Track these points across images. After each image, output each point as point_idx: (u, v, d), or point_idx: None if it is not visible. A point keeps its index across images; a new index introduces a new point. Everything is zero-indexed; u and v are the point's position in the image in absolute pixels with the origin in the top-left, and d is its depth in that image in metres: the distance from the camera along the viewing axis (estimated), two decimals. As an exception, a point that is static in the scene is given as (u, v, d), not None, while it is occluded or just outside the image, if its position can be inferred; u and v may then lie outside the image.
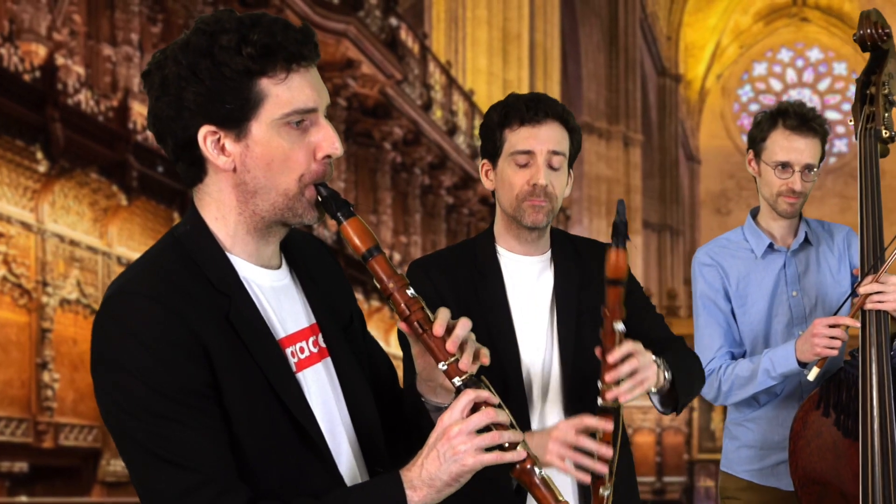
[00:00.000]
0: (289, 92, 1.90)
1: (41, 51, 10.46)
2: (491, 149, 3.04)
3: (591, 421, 2.66)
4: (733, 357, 3.79)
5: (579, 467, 2.68)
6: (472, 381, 1.95)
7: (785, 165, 3.65)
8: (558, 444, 2.61)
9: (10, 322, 10.44)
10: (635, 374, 2.64)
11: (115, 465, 11.29)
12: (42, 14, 10.57)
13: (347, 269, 14.82)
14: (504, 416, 1.92)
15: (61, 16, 10.66)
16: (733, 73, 44.94)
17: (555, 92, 26.19)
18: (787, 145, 3.66)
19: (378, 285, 1.98)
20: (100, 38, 11.21)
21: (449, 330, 1.99)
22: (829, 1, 42.67)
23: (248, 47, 1.86)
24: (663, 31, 38.34)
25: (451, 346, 1.95)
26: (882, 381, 3.31)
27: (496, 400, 1.93)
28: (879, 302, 3.35)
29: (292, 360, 2.00)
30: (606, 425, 2.65)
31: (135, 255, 11.84)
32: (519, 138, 2.98)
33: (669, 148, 37.17)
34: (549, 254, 3.14)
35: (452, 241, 20.31)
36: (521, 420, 2.85)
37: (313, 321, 2.09)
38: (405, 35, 18.47)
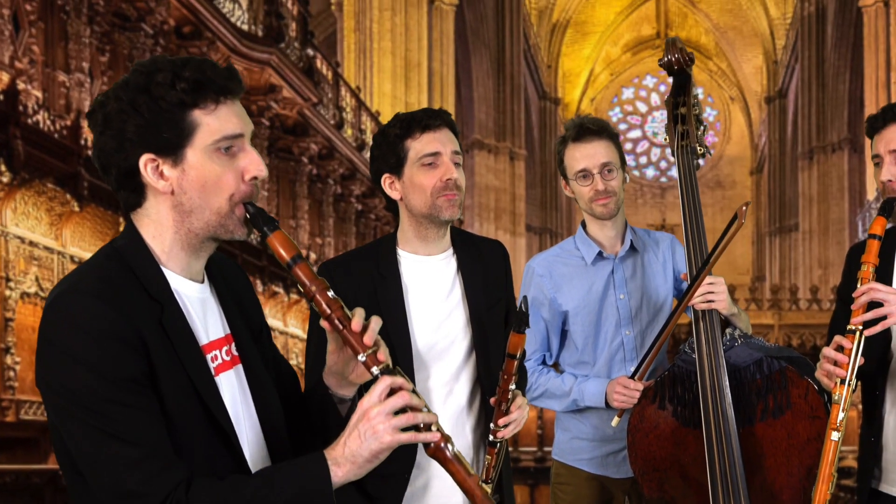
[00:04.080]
0: (218, 121, 1.90)
1: (4, 77, 10.29)
2: (394, 162, 2.95)
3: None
4: (544, 361, 3.70)
5: None
6: (388, 370, 1.93)
7: (584, 173, 3.51)
8: None
9: (-23, 313, 10.38)
10: (518, 420, 2.83)
11: (67, 443, 11.12)
12: (5, 45, 10.45)
13: (250, 258, 14.80)
14: (418, 400, 1.90)
15: (22, 47, 10.38)
16: (605, 96, 44.97)
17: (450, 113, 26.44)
18: (577, 155, 3.53)
19: (302, 289, 1.96)
20: (55, 66, 10.97)
21: (364, 326, 1.99)
22: (688, 34, 42.93)
23: (181, 83, 1.86)
24: (544, 61, 38.30)
25: (368, 339, 1.95)
26: (714, 373, 3.25)
27: (410, 385, 1.92)
28: (710, 301, 3.28)
29: (212, 365, 1.98)
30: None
31: (86, 254, 11.76)
32: (423, 144, 2.91)
33: (549, 161, 36.24)
34: (450, 251, 3.07)
35: (361, 242, 20.11)
36: None
37: (228, 332, 2.06)
38: (320, 63, 18.41)
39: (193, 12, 13.08)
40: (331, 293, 1.95)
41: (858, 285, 2.89)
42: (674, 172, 46.25)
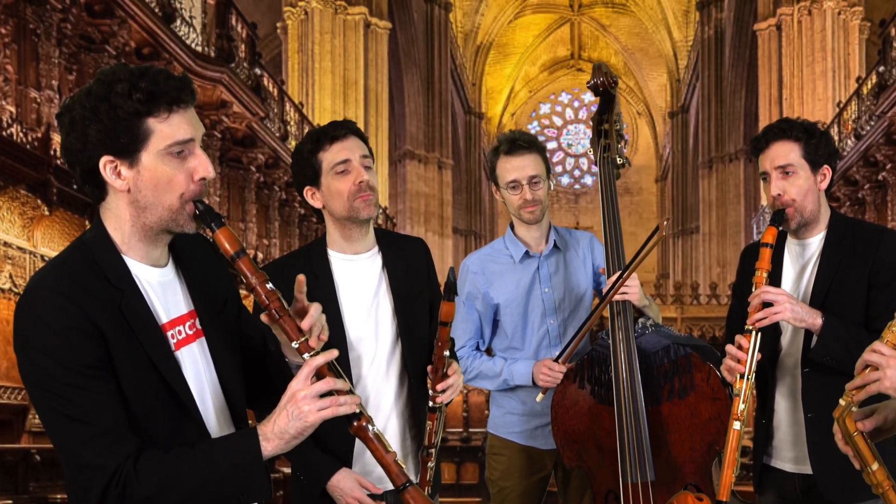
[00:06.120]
0: (170, 128, 1.90)
1: (-19, 95, 10.01)
2: (311, 174, 2.95)
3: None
4: (477, 347, 3.75)
5: None
6: (318, 356, 1.96)
7: (514, 184, 3.58)
8: None
9: (-44, 307, 10.06)
10: (454, 385, 2.89)
11: (38, 419, 10.83)
12: (-19, 66, 10.23)
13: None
14: (342, 384, 1.94)
15: (-3, 66, 10.67)
16: (524, 111, 45.00)
17: (384, 126, 25.55)
18: (508, 167, 3.58)
19: (244, 280, 1.97)
20: (28, 83, 10.52)
21: (300, 314, 2.04)
22: (600, 55, 42.93)
23: (137, 93, 1.87)
24: (469, 79, 38.24)
25: (303, 326, 1.99)
26: (626, 357, 3.31)
27: (334, 353, 1.96)
28: (624, 294, 3.35)
29: (172, 341, 1.99)
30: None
31: (55, 254, 11.69)
32: (334, 154, 2.91)
33: (474, 170, 37.06)
34: (375, 249, 3.08)
35: (304, 242, 19.73)
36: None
37: (192, 308, 2.07)
38: (267, 81, 18.21)
39: (152, 35, 13.01)
40: (269, 285, 1.97)
41: (753, 289, 2.93)
42: (586, 180, 46.44)
